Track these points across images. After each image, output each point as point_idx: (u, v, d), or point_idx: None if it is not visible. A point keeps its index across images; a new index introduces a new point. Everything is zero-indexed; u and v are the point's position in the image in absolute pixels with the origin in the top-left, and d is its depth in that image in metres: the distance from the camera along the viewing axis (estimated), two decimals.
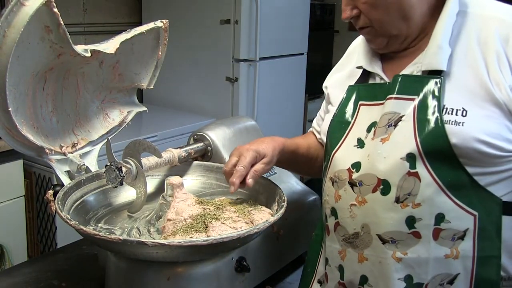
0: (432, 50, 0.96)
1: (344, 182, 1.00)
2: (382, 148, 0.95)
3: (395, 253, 0.94)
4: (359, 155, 0.99)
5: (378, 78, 1.05)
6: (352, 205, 0.98)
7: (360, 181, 0.97)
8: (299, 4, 3.43)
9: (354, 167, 0.99)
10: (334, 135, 1.05)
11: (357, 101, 1.04)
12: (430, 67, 0.95)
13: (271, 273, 1.26)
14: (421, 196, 0.91)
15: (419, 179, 0.91)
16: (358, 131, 1.01)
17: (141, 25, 1.18)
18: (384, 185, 0.94)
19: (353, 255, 1.00)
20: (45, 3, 0.91)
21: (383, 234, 0.94)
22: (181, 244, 0.84)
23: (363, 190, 0.96)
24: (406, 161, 0.91)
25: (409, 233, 0.93)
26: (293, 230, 1.29)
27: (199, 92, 3.24)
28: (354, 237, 0.99)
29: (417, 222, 0.92)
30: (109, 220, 1.12)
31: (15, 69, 0.94)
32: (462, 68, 0.94)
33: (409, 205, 0.92)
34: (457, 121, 0.90)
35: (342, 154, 1.02)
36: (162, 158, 1.18)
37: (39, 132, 1.11)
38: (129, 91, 1.30)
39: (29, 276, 1.19)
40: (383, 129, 0.96)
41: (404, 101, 0.95)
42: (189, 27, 3.16)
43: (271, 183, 1.13)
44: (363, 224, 0.97)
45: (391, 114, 0.96)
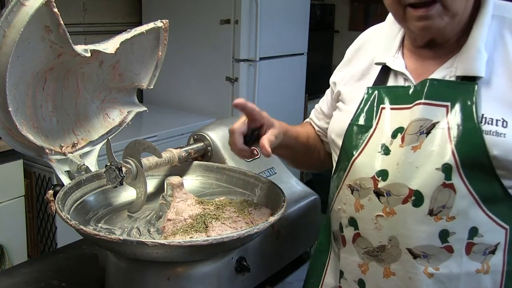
0: (470, 54, 0.91)
1: (368, 191, 0.94)
2: (413, 157, 0.89)
3: (427, 268, 0.90)
4: (385, 162, 0.93)
5: (401, 78, 0.99)
6: (378, 216, 0.93)
7: (388, 191, 0.91)
8: (299, 4, 3.43)
9: (380, 175, 0.93)
10: (353, 139, 0.99)
11: (378, 104, 0.98)
12: (467, 72, 0.90)
13: (271, 273, 1.26)
14: (455, 208, 0.87)
15: (454, 191, 0.87)
16: (382, 136, 0.95)
17: (141, 25, 1.18)
18: (416, 196, 0.88)
19: (378, 269, 0.95)
20: (45, 3, 0.91)
21: (414, 248, 0.90)
22: (181, 244, 0.84)
23: (391, 201, 0.91)
24: (441, 171, 0.87)
25: (441, 248, 0.89)
26: (293, 230, 1.29)
27: (199, 92, 3.24)
28: (380, 250, 0.94)
29: (451, 236, 0.88)
30: (109, 220, 1.12)
31: (15, 69, 0.94)
32: (500, 76, 0.89)
33: (443, 218, 0.88)
34: (498, 132, 0.85)
35: (364, 161, 0.96)
36: (162, 158, 1.18)
37: (39, 132, 1.11)
38: (129, 91, 1.30)
39: (29, 276, 1.19)
40: (414, 136, 0.90)
41: (435, 107, 0.90)
42: (189, 27, 3.16)
43: (271, 183, 1.14)
44: (391, 236, 0.92)
45: (422, 120, 0.90)
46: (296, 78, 3.55)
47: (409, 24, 0.93)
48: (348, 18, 4.76)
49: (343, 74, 1.13)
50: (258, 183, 1.17)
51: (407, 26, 0.95)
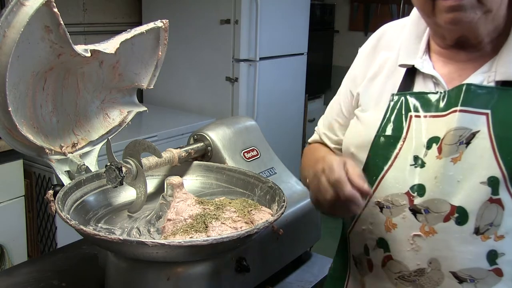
0: (510, 57, 0.84)
1: (402, 208, 0.86)
2: (454, 170, 0.82)
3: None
4: (420, 176, 0.85)
5: (431, 83, 0.91)
6: (415, 236, 0.85)
7: (426, 207, 0.84)
8: (299, 4, 3.43)
9: (415, 191, 0.85)
10: (380, 152, 0.90)
11: (406, 112, 0.89)
12: (508, 77, 0.83)
13: (271, 273, 1.26)
14: (504, 227, 0.80)
15: (502, 207, 0.80)
16: (413, 147, 0.87)
17: (141, 25, 1.17)
18: (459, 213, 0.81)
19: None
20: (45, 3, 0.91)
21: (459, 271, 0.82)
22: (181, 244, 0.84)
23: (430, 218, 0.83)
24: (487, 185, 0.80)
25: (490, 270, 0.82)
26: (293, 230, 1.29)
27: (199, 92, 3.24)
28: (418, 275, 0.86)
29: (499, 257, 0.81)
30: (109, 220, 1.12)
31: (15, 69, 0.94)
32: None
33: (491, 237, 0.81)
34: None
35: (396, 175, 0.87)
36: (162, 158, 1.18)
37: (39, 132, 1.11)
38: (129, 91, 1.30)
39: (29, 276, 1.19)
40: (453, 147, 0.83)
41: (474, 115, 0.83)
42: (189, 27, 3.16)
43: (271, 183, 1.13)
44: (431, 259, 0.84)
45: (461, 130, 0.83)
46: (296, 78, 3.55)
47: (437, 17, 0.85)
48: (348, 18, 4.76)
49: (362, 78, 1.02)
50: (258, 183, 1.17)
51: (435, 20, 0.87)
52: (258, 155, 1.39)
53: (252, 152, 1.38)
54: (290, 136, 3.59)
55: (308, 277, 1.31)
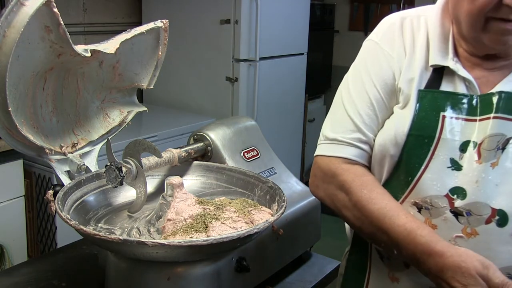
0: None
1: (443, 210, 0.88)
2: (493, 174, 0.86)
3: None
4: (458, 179, 0.88)
5: (463, 85, 0.92)
6: (457, 237, 0.88)
7: (468, 210, 0.87)
8: (299, 4, 3.43)
9: (455, 193, 0.88)
10: (414, 152, 0.91)
11: (438, 112, 0.90)
12: None
13: (271, 273, 1.26)
14: None
15: None
16: (448, 149, 0.89)
17: (141, 25, 1.18)
18: (500, 216, 0.85)
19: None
20: (45, 3, 0.91)
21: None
22: (181, 244, 0.84)
23: (472, 221, 0.87)
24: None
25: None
26: (293, 230, 1.29)
27: (199, 92, 3.24)
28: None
29: None
30: (109, 220, 1.12)
31: (15, 69, 0.94)
32: None
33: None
34: None
35: (433, 177, 0.89)
36: (162, 158, 1.18)
37: (39, 132, 1.11)
38: (129, 91, 1.30)
39: (29, 276, 1.19)
40: (492, 152, 0.86)
41: (508, 121, 0.86)
42: (189, 27, 3.16)
43: (271, 183, 1.13)
44: None
45: (498, 136, 0.86)
46: (296, 78, 3.55)
47: (485, 35, 0.88)
48: (348, 18, 4.76)
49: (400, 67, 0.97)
50: (258, 183, 1.17)
51: (480, 36, 0.89)
52: (258, 155, 1.39)
53: (252, 152, 1.38)
54: (290, 136, 3.59)
55: (308, 277, 1.31)
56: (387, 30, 1.01)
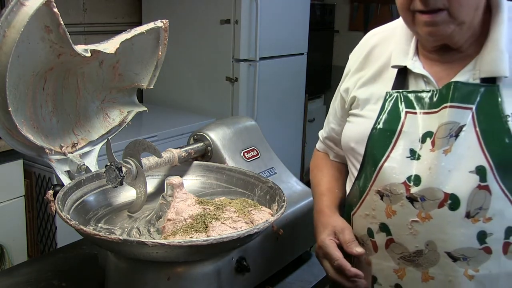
0: (492, 56, 0.92)
1: (400, 196, 0.94)
2: (445, 161, 0.90)
3: (467, 270, 0.90)
4: (415, 167, 0.93)
5: (422, 81, 0.99)
6: (413, 222, 0.93)
7: (422, 196, 0.92)
8: (299, 4, 3.43)
9: (411, 181, 0.93)
10: (377, 144, 0.98)
11: (402, 108, 0.97)
12: (491, 74, 0.91)
13: (271, 273, 1.26)
14: (492, 210, 0.88)
15: (489, 193, 0.88)
16: (409, 141, 0.95)
17: (141, 25, 1.18)
18: (452, 200, 0.89)
19: (415, 274, 0.94)
20: (45, 3, 0.91)
21: (453, 251, 0.90)
22: (181, 244, 0.84)
23: (426, 206, 0.91)
24: (476, 174, 0.88)
25: (480, 249, 0.90)
26: (293, 230, 1.29)
27: (199, 92, 3.24)
28: (417, 255, 0.94)
29: (488, 237, 0.89)
30: (109, 220, 1.12)
31: (15, 69, 0.94)
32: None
33: (480, 219, 0.89)
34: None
35: (393, 166, 0.95)
36: (162, 158, 1.18)
37: (39, 132, 1.11)
38: (129, 91, 1.30)
39: (29, 276, 1.19)
40: (444, 140, 0.91)
41: (462, 110, 0.91)
42: (189, 27, 3.16)
43: (271, 183, 1.13)
44: (428, 241, 0.92)
45: (451, 124, 0.91)
46: (296, 78, 3.55)
47: (417, 28, 0.95)
48: (348, 18, 4.76)
49: (355, 80, 1.11)
50: (258, 183, 1.17)
51: (416, 30, 0.96)
52: (258, 155, 1.39)
53: (252, 152, 1.38)
54: (290, 136, 3.59)
55: (308, 277, 1.31)
56: (357, 46, 1.15)
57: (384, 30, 1.12)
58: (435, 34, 0.93)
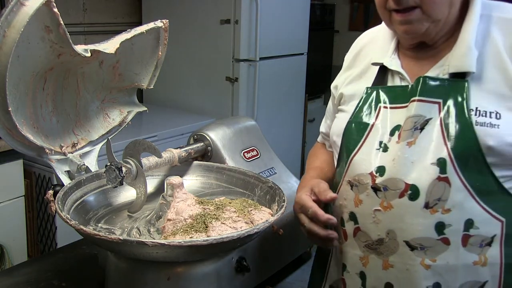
0: (461, 52, 0.94)
1: (366, 186, 0.97)
2: (409, 152, 0.93)
3: (424, 260, 0.92)
4: (382, 159, 0.96)
5: (398, 78, 1.02)
6: (376, 211, 0.96)
7: (385, 185, 0.94)
8: (299, 4, 3.43)
9: (377, 172, 0.96)
10: (351, 137, 1.02)
11: (376, 103, 1.01)
12: (459, 69, 0.94)
13: (271, 273, 1.26)
14: (451, 201, 0.90)
15: (449, 184, 0.90)
16: (380, 134, 0.98)
17: (141, 25, 1.18)
18: (412, 190, 0.91)
19: (377, 261, 0.97)
20: (45, 3, 0.91)
21: (411, 240, 0.92)
22: (181, 244, 0.84)
23: (388, 195, 0.94)
24: (436, 166, 0.90)
25: (438, 240, 0.91)
26: (293, 230, 1.29)
27: (199, 92, 3.24)
28: (378, 243, 0.97)
29: (447, 228, 0.91)
30: (109, 220, 1.12)
31: (15, 69, 0.94)
32: (491, 71, 0.93)
33: (439, 210, 0.90)
34: (492, 124, 0.89)
35: (363, 158, 0.99)
36: (162, 158, 1.18)
37: (39, 132, 1.11)
38: (129, 91, 1.30)
39: (29, 276, 1.19)
40: (409, 132, 0.94)
41: (429, 104, 0.94)
42: (189, 27, 3.16)
43: (271, 183, 1.14)
44: (388, 230, 0.95)
45: (416, 117, 0.94)
46: (296, 78, 3.55)
47: (394, 27, 0.99)
48: (348, 18, 4.76)
49: (344, 78, 1.15)
50: (258, 183, 1.17)
51: (393, 28, 1.01)
52: (258, 155, 1.39)
53: (252, 152, 1.38)
54: (290, 136, 3.58)
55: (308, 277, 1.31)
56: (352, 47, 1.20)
57: (375, 30, 1.16)
58: (410, 32, 0.96)
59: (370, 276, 0.99)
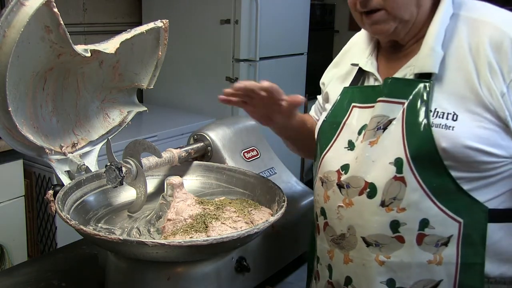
0: (424, 53, 0.94)
1: (333, 183, 1.00)
2: (370, 151, 0.94)
3: (378, 256, 0.94)
4: (348, 157, 0.99)
5: (372, 79, 1.04)
6: (339, 207, 0.99)
7: (348, 183, 0.97)
8: (299, 4, 3.43)
9: (343, 169, 0.98)
10: (325, 135, 1.05)
11: (350, 103, 1.03)
12: (422, 70, 0.94)
13: (271, 273, 1.26)
14: (406, 200, 0.90)
15: (405, 184, 0.90)
16: (349, 133, 1.01)
17: (141, 25, 1.18)
18: (370, 188, 0.93)
19: (340, 255, 1.00)
20: (45, 3, 0.91)
21: (367, 237, 0.94)
22: (181, 244, 0.84)
23: (350, 192, 0.96)
24: (393, 165, 0.91)
25: (392, 237, 0.92)
26: (293, 230, 1.29)
27: (199, 92, 3.24)
28: (341, 238, 0.99)
29: (401, 226, 0.92)
30: (109, 220, 1.12)
31: (15, 69, 0.94)
32: (453, 72, 0.92)
33: (394, 209, 0.91)
34: (448, 125, 0.89)
35: (333, 156, 1.02)
36: (162, 158, 1.18)
37: (39, 132, 1.11)
38: (129, 91, 1.30)
39: (29, 276, 1.19)
40: (372, 132, 0.95)
41: (393, 104, 0.94)
42: (189, 27, 3.16)
43: (271, 183, 1.14)
44: (349, 226, 0.97)
45: (380, 117, 0.95)
46: (296, 78, 3.55)
47: (366, 28, 1.02)
48: (348, 18, 4.75)
49: (331, 76, 1.18)
50: (258, 183, 1.17)
51: (366, 29, 1.03)
52: (258, 155, 1.39)
53: (252, 152, 1.38)
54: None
55: None
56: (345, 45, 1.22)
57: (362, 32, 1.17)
58: (379, 32, 0.98)
59: (335, 269, 1.03)
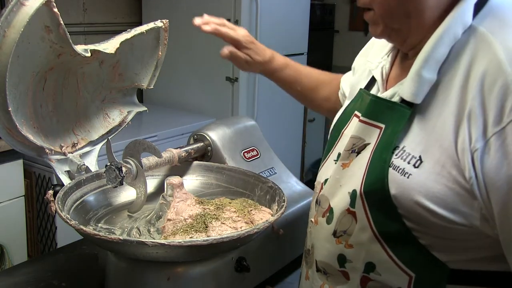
0: (409, 76, 0.79)
1: (315, 195, 0.96)
2: (340, 174, 0.86)
3: (324, 285, 0.90)
4: (331, 172, 0.91)
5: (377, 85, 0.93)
6: (310, 221, 0.97)
7: (320, 200, 0.92)
8: (299, 4, 3.43)
9: (325, 183, 0.92)
10: (329, 142, 0.99)
11: (353, 110, 0.93)
12: (404, 95, 0.79)
13: (271, 273, 1.26)
14: (354, 238, 0.82)
15: (355, 220, 0.82)
16: (342, 145, 0.91)
17: (141, 25, 1.18)
18: (330, 214, 0.87)
19: (304, 270, 0.99)
20: (45, 3, 0.91)
21: (319, 261, 0.91)
22: (181, 244, 0.84)
23: (319, 211, 0.92)
24: (349, 197, 0.82)
25: (339, 271, 0.87)
26: (293, 230, 1.29)
27: (199, 92, 3.24)
28: (307, 253, 0.98)
29: (347, 263, 0.85)
30: (109, 220, 1.12)
31: (15, 69, 0.94)
32: (438, 106, 0.76)
33: (343, 243, 0.85)
34: (405, 171, 0.75)
35: (326, 165, 0.96)
36: (162, 158, 1.18)
37: (39, 132, 1.11)
38: (129, 91, 1.30)
39: (29, 276, 1.19)
40: (347, 153, 0.86)
41: (371, 127, 0.83)
42: (189, 27, 3.15)
43: (271, 183, 1.13)
44: (312, 244, 0.94)
45: (357, 138, 0.85)
46: None
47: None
48: (348, 18, 4.76)
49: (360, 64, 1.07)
50: (258, 183, 1.17)
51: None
52: (258, 155, 1.39)
53: (252, 152, 1.38)
54: (290, 136, 3.58)
55: None
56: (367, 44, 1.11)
57: None
58: (372, 32, 0.86)
59: (301, 281, 1.03)
